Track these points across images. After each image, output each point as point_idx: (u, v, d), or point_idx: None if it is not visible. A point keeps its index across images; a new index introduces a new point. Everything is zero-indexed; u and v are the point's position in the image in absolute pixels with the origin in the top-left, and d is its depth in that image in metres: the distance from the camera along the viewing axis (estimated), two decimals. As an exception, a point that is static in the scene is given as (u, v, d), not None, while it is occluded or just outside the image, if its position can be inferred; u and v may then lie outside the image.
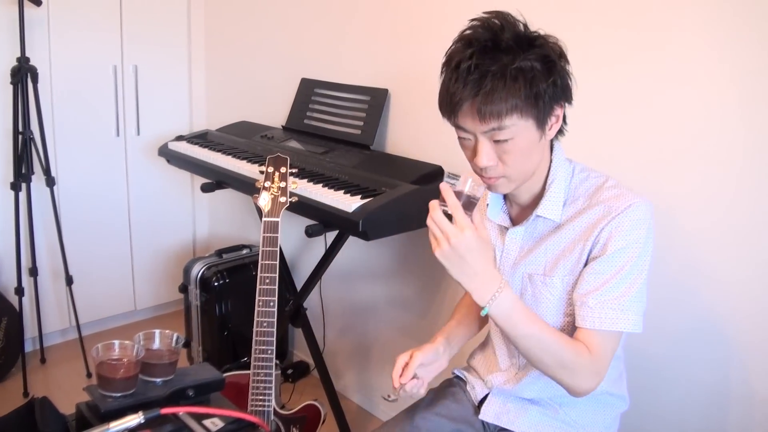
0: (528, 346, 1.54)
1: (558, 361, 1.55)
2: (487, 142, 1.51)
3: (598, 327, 1.56)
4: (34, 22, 3.49)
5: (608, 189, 1.63)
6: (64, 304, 3.88)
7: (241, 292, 3.50)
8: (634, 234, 1.56)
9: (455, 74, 1.48)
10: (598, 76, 2.22)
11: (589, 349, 1.56)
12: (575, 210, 1.65)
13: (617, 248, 1.56)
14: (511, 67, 1.43)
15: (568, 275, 1.65)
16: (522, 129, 1.49)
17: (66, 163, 3.80)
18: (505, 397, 1.85)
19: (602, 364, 1.59)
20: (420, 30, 2.83)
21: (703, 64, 1.98)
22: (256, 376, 2.39)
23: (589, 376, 1.57)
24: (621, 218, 1.56)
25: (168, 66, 4.17)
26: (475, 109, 1.45)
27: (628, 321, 1.56)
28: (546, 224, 1.69)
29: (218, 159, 3.11)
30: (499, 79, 1.43)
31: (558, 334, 1.57)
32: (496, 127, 1.47)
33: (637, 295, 1.57)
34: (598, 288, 1.57)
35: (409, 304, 3.13)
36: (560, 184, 1.66)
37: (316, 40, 3.40)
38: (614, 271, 1.56)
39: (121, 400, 1.49)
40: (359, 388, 3.54)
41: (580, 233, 1.62)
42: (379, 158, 2.90)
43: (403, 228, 2.60)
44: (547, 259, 1.68)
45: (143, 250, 4.28)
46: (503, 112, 1.44)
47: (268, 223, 2.39)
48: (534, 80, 1.45)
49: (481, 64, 1.44)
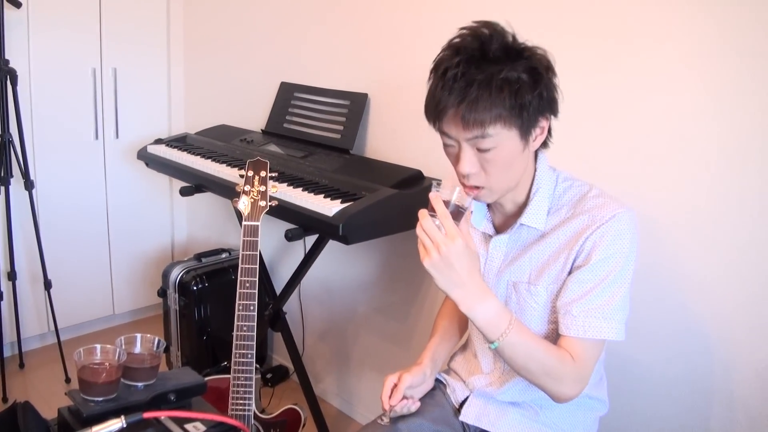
0: (514, 354, 1.56)
1: (542, 368, 1.57)
2: (470, 149, 1.52)
3: (582, 335, 1.58)
4: (14, 24, 3.47)
5: (592, 198, 1.64)
6: (43, 308, 3.85)
7: (220, 297, 3.49)
8: (617, 244, 1.57)
9: (442, 81, 1.49)
10: (583, 85, 2.24)
11: (573, 357, 1.58)
12: (559, 219, 1.66)
13: (601, 258, 1.57)
14: (498, 77, 1.45)
15: (552, 284, 1.67)
16: (505, 139, 1.50)
17: (45, 166, 3.79)
18: (486, 399, 1.86)
19: (586, 371, 1.61)
20: (400, 35, 2.84)
21: (688, 72, 2.01)
22: (236, 380, 2.39)
23: (572, 383, 1.59)
24: (605, 228, 1.58)
25: (147, 69, 4.16)
26: (459, 116, 1.47)
27: (611, 329, 1.58)
28: (530, 233, 1.70)
29: (197, 162, 3.11)
30: (485, 88, 1.44)
31: (543, 343, 1.59)
32: (479, 135, 1.48)
33: (620, 304, 1.59)
34: (581, 297, 1.59)
35: (389, 308, 3.14)
36: (544, 193, 1.68)
37: (295, 44, 3.41)
38: (598, 281, 1.58)
39: (103, 405, 1.50)
40: (339, 392, 3.54)
41: (565, 242, 1.64)
42: (358, 162, 2.91)
43: (382, 232, 2.61)
44: (532, 267, 1.70)
45: (122, 254, 4.26)
46: (487, 120, 1.46)
47: (248, 227, 2.39)
48: (519, 91, 1.46)
49: (467, 73, 1.46)
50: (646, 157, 2.13)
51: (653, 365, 2.20)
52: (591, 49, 2.21)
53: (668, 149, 2.08)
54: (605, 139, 2.24)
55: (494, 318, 1.52)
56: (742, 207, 1.95)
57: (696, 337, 2.09)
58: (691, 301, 2.09)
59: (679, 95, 2.03)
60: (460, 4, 2.55)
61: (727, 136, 1.95)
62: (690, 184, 2.05)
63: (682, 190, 2.06)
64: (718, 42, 1.94)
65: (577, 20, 2.24)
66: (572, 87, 2.18)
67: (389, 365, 3.19)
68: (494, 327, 1.52)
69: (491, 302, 1.53)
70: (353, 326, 3.36)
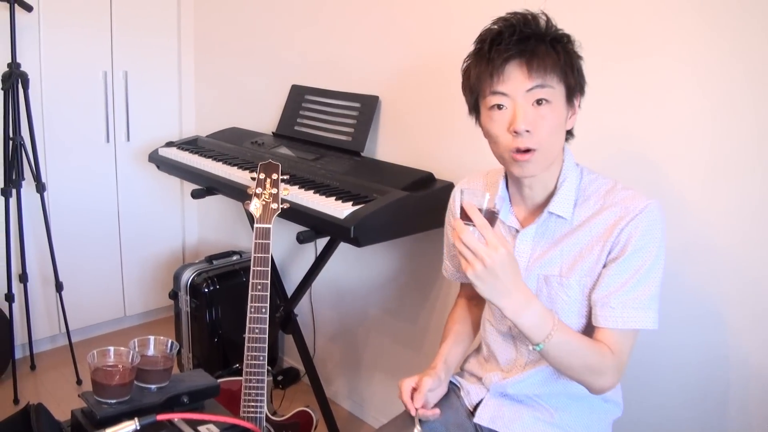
0: (558, 354, 1.57)
1: (585, 365, 1.60)
2: (526, 104, 1.56)
3: (621, 326, 1.61)
4: (25, 28, 3.49)
5: (620, 191, 1.68)
6: (54, 310, 3.87)
7: (232, 299, 3.50)
8: (651, 234, 1.60)
9: (497, 42, 1.56)
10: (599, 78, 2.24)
11: (611, 349, 1.61)
12: (589, 211, 1.68)
13: (636, 248, 1.59)
14: (548, 38, 1.57)
15: (585, 277, 1.67)
16: (558, 95, 1.58)
17: (56, 169, 3.80)
18: (501, 400, 1.85)
19: (624, 361, 1.64)
20: (411, 38, 2.84)
21: (703, 66, 2.00)
22: (248, 382, 2.40)
23: (612, 375, 1.62)
24: (639, 219, 1.60)
25: (158, 72, 4.17)
26: (524, 62, 1.54)
27: (648, 319, 1.61)
28: (557, 224, 1.71)
29: (209, 165, 3.12)
30: (541, 42, 1.55)
31: (584, 339, 1.61)
32: (539, 84, 1.54)
33: (655, 293, 1.62)
34: (618, 288, 1.61)
35: (400, 311, 3.14)
36: (571, 183, 1.70)
37: (306, 46, 3.41)
38: (633, 271, 1.60)
39: (117, 407, 1.50)
40: (350, 394, 3.54)
41: (599, 234, 1.65)
42: (369, 165, 2.91)
43: (394, 234, 2.61)
44: (563, 260, 1.70)
45: (133, 256, 4.27)
46: (548, 67, 1.54)
47: (259, 229, 2.40)
48: (569, 53, 1.60)
49: (522, 30, 1.55)
50: (649, 158, 2.14)
51: (667, 368, 2.19)
52: (595, 49, 2.20)
53: (671, 149, 2.08)
54: (606, 139, 2.24)
55: (539, 321, 1.53)
56: (750, 204, 1.95)
57: (710, 339, 2.08)
58: (705, 301, 2.08)
59: (683, 96, 2.03)
60: (471, 8, 2.55)
61: (729, 136, 1.96)
62: (698, 181, 2.04)
63: (690, 187, 2.06)
64: (720, 44, 1.94)
65: (579, 22, 2.24)
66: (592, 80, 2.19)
67: (400, 367, 3.19)
68: (539, 330, 1.53)
69: (536, 306, 1.53)
70: (364, 328, 3.36)
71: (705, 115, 1.99)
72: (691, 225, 2.06)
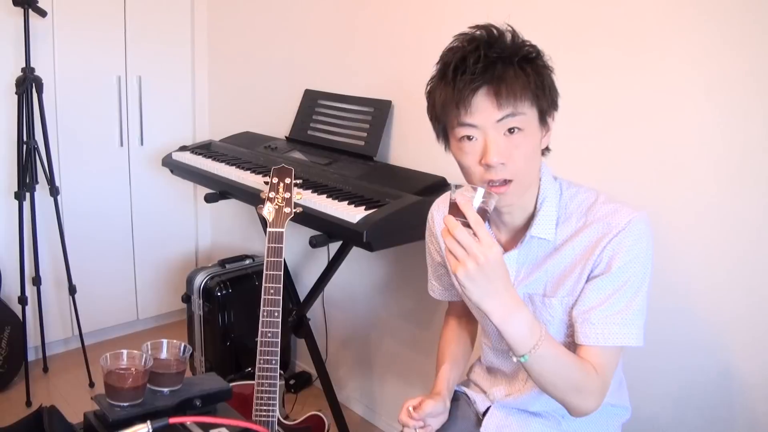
0: (543, 369, 1.48)
1: (569, 383, 1.52)
2: (498, 135, 1.47)
3: (602, 343, 1.54)
4: (39, 33, 3.51)
5: (602, 204, 1.60)
6: (67, 313, 3.88)
7: (244, 303, 3.50)
8: (636, 249, 1.54)
9: (461, 69, 1.46)
10: (591, 90, 2.24)
11: (595, 368, 1.54)
12: (571, 229, 1.62)
13: (621, 265, 1.54)
14: (516, 58, 1.46)
15: (567, 296, 1.62)
16: (531, 120, 1.49)
17: (70, 172, 3.82)
18: (508, 411, 1.83)
19: (607, 382, 1.57)
20: (424, 42, 2.84)
21: (695, 76, 2.00)
22: (260, 386, 2.40)
23: (596, 397, 1.55)
24: (623, 235, 1.54)
25: (172, 76, 4.19)
26: (492, 93, 1.43)
27: (631, 335, 1.54)
28: (541, 245, 1.65)
29: (222, 169, 3.12)
30: (509, 66, 1.44)
31: (571, 355, 1.53)
32: (510, 113, 1.45)
33: (639, 309, 1.56)
34: (600, 303, 1.55)
35: (412, 315, 3.14)
36: (551, 202, 1.63)
37: (319, 51, 3.41)
38: (617, 287, 1.55)
39: (129, 410, 1.50)
40: (362, 399, 3.54)
41: (581, 254, 1.59)
42: (382, 169, 2.91)
43: (406, 239, 2.61)
44: (548, 280, 1.65)
45: (146, 259, 4.29)
46: (518, 94, 1.44)
47: (272, 233, 2.40)
48: (540, 71, 1.49)
49: (488, 53, 1.45)
50: (653, 162, 2.13)
51: (676, 372, 2.18)
52: (599, 53, 2.20)
53: (675, 154, 2.08)
54: (612, 144, 2.24)
55: (527, 329, 1.43)
56: (757, 209, 1.95)
57: (717, 344, 2.08)
58: (713, 305, 2.08)
59: (687, 100, 2.03)
60: (485, 12, 2.55)
61: (733, 141, 1.95)
62: (701, 187, 2.04)
63: (693, 194, 2.06)
64: (725, 47, 1.93)
65: (582, 26, 2.23)
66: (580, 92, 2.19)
67: (413, 372, 3.18)
68: (526, 339, 1.43)
69: (524, 313, 1.44)
70: (377, 333, 3.36)
71: (714, 120, 1.99)
72: (704, 230, 2.06)
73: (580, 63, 2.26)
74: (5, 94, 3.47)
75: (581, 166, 2.29)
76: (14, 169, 3.44)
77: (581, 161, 2.30)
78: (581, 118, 2.28)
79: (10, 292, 3.59)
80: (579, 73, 2.25)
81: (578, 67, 2.26)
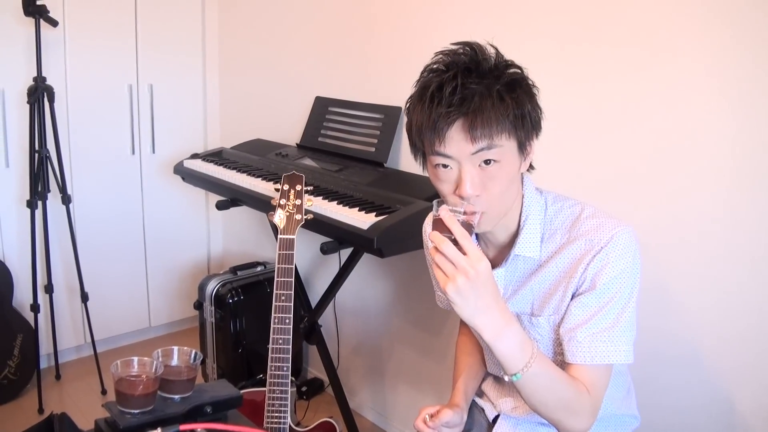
0: (535, 388, 1.45)
1: (561, 402, 1.49)
2: (473, 167, 1.44)
3: (590, 362, 1.52)
4: (51, 42, 3.53)
5: (586, 220, 1.58)
6: (79, 320, 3.90)
7: (256, 309, 3.50)
8: (620, 264, 1.51)
9: (437, 97, 1.42)
10: (589, 96, 2.23)
11: (586, 387, 1.51)
12: (555, 245, 1.60)
13: (606, 281, 1.51)
14: (496, 88, 1.41)
15: (553, 314, 1.60)
16: (508, 151, 1.45)
17: (82, 181, 3.83)
18: (516, 420, 1.82)
19: (598, 401, 1.54)
20: (433, 48, 2.83)
21: (702, 82, 2.00)
22: (271, 393, 2.40)
23: (587, 417, 1.51)
24: (606, 252, 1.51)
25: (183, 84, 4.20)
26: (467, 127, 1.40)
27: (619, 352, 1.52)
28: (526, 263, 1.63)
29: (233, 177, 3.13)
30: (487, 98, 1.40)
31: (563, 374, 1.50)
32: (485, 146, 1.41)
33: (626, 325, 1.53)
34: (586, 321, 1.53)
35: (424, 322, 3.13)
36: (535, 218, 1.61)
37: (330, 58, 3.42)
38: (603, 303, 1.52)
39: (140, 417, 1.50)
40: (373, 406, 3.53)
41: (564, 271, 1.57)
42: (393, 176, 2.91)
43: (417, 245, 2.59)
44: (534, 298, 1.63)
45: (158, 267, 4.29)
46: (493, 129, 1.40)
47: (283, 240, 2.40)
48: (519, 100, 1.43)
49: (465, 83, 1.40)
50: (655, 169, 2.13)
51: (684, 381, 2.17)
52: (601, 58, 2.20)
53: (677, 161, 2.08)
54: (612, 152, 2.24)
55: (519, 346, 1.40)
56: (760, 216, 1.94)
57: (726, 352, 2.07)
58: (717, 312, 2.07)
59: (692, 107, 2.03)
60: (494, 19, 2.55)
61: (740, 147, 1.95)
62: (704, 195, 2.04)
63: (697, 201, 2.06)
64: (732, 51, 1.93)
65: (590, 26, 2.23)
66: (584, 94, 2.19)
67: (424, 379, 3.18)
68: (518, 357, 1.40)
69: (516, 329, 1.40)
70: (388, 339, 3.36)
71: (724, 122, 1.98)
72: (714, 235, 2.05)
73: (583, 64, 2.25)
74: (17, 103, 3.49)
75: (585, 167, 2.29)
76: (26, 177, 3.45)
77: (585, 163, 2.30)
78: (585, 119, 2.28)
79: (22, 300, 3.60)
80: (582, 75, 2.25)
81: (581, 68, 2.25)
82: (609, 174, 2.26)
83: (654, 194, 2.15)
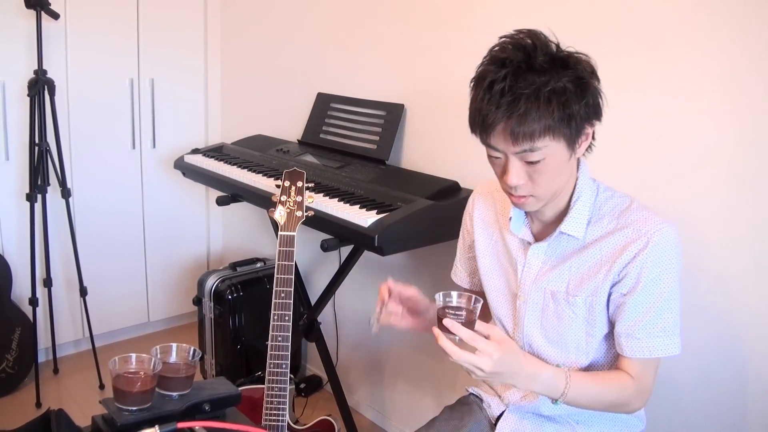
0: (579, 403, 1.62)
1: (608, 403, 1.65)
2: (518, 162, 1.50)
3: (647, 356, 1.61)
4: (52, 35, 3.51)
5: (635, 211, 1.63)
6: (78, 315, 3.89)
7: (255, 306, 3.49)
8: (665, 260, 1.57)
9: (488, 94, 1.46)
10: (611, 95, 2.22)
11: (633, 377, 1.63)
12: (602, 230, 1.64)
13: (652, 278, 1.57)
14: (545, 90, 1.42)
15: (591, 296, 1.65)
16: (553, 150, 1.48)
17: (82, 175, 3.82)
18: (522, 415, 1.84)
19: (648, 384, 1.66)
20: (436, 46, 2.83)
21: (713, 83, 1.99)
22: (270, 390, 2.39)
23: (638, 401, 1.66)
24: (651, 247, 1.56)
25: (184, 79, 4.18)
26: (509, 130, 1.44)
27: (673, 346, 1.61)
28: (569, 242, 1.67)
29: (234, 172, 3.12)
30: (533, 102, 1.41)
31: (602, 381, 1.64)
32: (528, 149, 1.46)
33: (677, 319, 1.61)
34: (642, 318, 1.60)
35: (423, 320, 3.12)
36: (585, 202, 1.65)
37: (332, 55, 3.41)
38: (653, 300, 1.59)
39: (138, 414, 1.50)
40: (372, 404, 3.52)
41: (607, 255, 1.62)
42: (394, 173, 2.90)
43: (418, 243, 2.60)
44: (571, 277, 1.67)
45: (157, 262, 4.28)
46: (536, 134, 1.44)
47: (284, 237, 2.39)
48: (567, 102, 1.44)
49: (514, 86, 1.43)
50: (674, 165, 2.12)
51: (689, 382, 2.16)
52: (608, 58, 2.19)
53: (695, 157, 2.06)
54: (633, 149, 2.22)
55: (551, 384, 1.56)
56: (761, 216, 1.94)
57: (732, 355, 2.06)
58: (727, 313, 2.06)
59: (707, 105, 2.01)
60: (497, 15, 2.54)
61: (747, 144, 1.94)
62: (722, 188, 2.02)
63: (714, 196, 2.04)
64: (741, 53, 1.92)
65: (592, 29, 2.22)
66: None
67: (423, 377, 3.17)
68: (554, 390, 1.56)
69: (545, 373, 1.56)
70: (387, 337, 3.35)
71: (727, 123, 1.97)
72: (718, 236, 2.04)
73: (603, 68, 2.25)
74: (18, 96, 3.48)
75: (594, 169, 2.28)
76: (26, 170, 3.44)
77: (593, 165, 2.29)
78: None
79: (21, 294, 3.59)
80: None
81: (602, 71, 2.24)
82: (611, 176, 2.25)
83: (654, 196, 2.14)
